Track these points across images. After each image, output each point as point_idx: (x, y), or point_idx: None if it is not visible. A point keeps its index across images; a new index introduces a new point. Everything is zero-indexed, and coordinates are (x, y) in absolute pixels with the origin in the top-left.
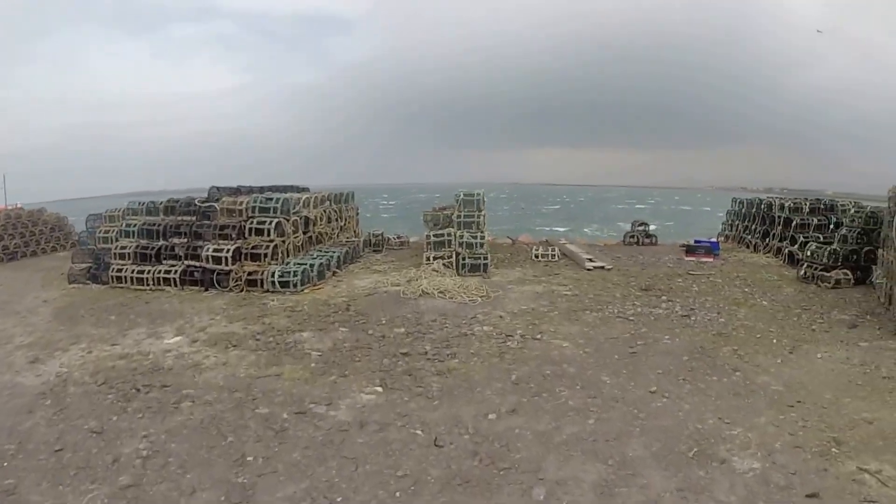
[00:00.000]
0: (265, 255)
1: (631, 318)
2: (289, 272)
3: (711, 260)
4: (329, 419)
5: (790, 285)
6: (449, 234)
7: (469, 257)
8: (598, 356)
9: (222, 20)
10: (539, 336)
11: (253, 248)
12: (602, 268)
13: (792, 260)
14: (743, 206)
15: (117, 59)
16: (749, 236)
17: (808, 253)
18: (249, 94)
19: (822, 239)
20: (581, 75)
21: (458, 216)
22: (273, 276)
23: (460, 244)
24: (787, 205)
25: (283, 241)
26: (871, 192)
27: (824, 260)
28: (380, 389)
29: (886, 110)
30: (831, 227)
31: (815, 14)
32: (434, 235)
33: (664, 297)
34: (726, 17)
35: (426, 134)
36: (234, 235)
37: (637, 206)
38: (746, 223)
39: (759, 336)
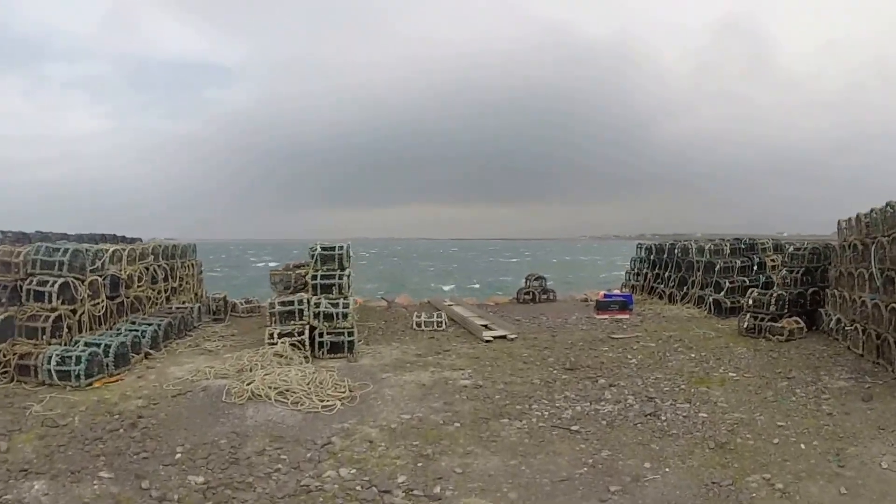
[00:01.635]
0: (44, 331)
1: (574, 427)
2: (70, 357)
3: (628, 316)
4: None
5: (737, 342)
6: (301, 302)
7: (329, 333)
8: None
9: (98, 62)
10: (439, 489)
11: (29, 318)
12: (504, 338)
13: (719, 310)
14: (651, 252)
15: None
16: (661, 285)
17: (750, 301)
18: (121, 139)
19: (747, 282)
20: (452, 129)
21: (314, 277)
22: (48, 362)
23: (316, 315)
24: (707, 248)
25: (74, 311)
26: (737, 231)
27: (771, 307)
28: None
29: (749, 155)
30: (755, 268)
31: (685, 69)
32: (280, 304)
33: (602, 380)
34: (600, 72)
35: (302, 189)
36: (3, 300)
37: (518, 259)
38: (657, 271)
39: (776, 442)
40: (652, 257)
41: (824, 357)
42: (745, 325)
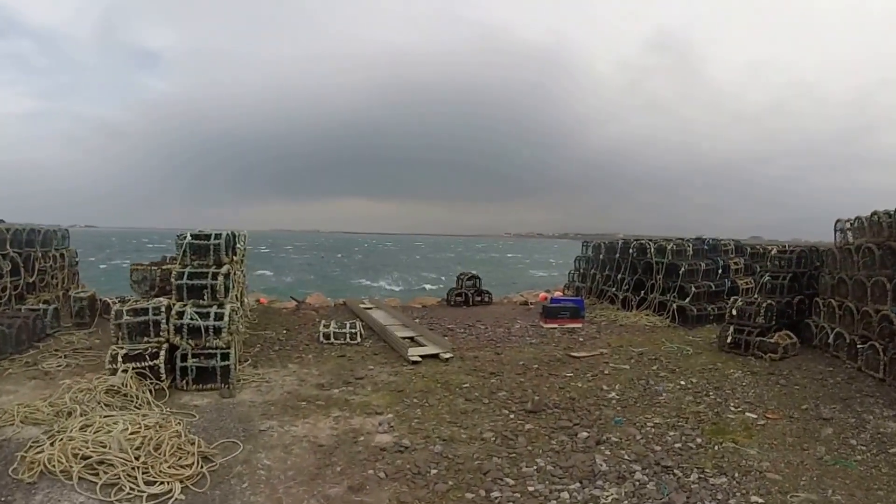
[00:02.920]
0: None
1: None
2: None
3: (581, 325)
4: None
5: (724, 362)
6: (157, 311)
7: (195, 355)
8: None
9: (22, 39)
10: None
11: None
12: (436, 357)
13: (684, 318)
14: (600, 252)
15: None
16: (613, 288)
17: (734, 311)
18: (42, 122)
19: (713, 288)
20: (381, 127)
21: (180, 276)
22: None
23: (178, 329)
24: (669, 248)
25: None
26: (655, 232)
27: (760, 319)
28: None
29: (672, 163)
30: (719, 272)
31: (616, 79)
32: (129, 312)
33: (584, 433)
34: (533, 75)
35: (227, 180)
36: None
37: (443, 254)
38: (608, 272)
39: None
40: (601, 257)
41: (840, 383)
42: (728, 340)
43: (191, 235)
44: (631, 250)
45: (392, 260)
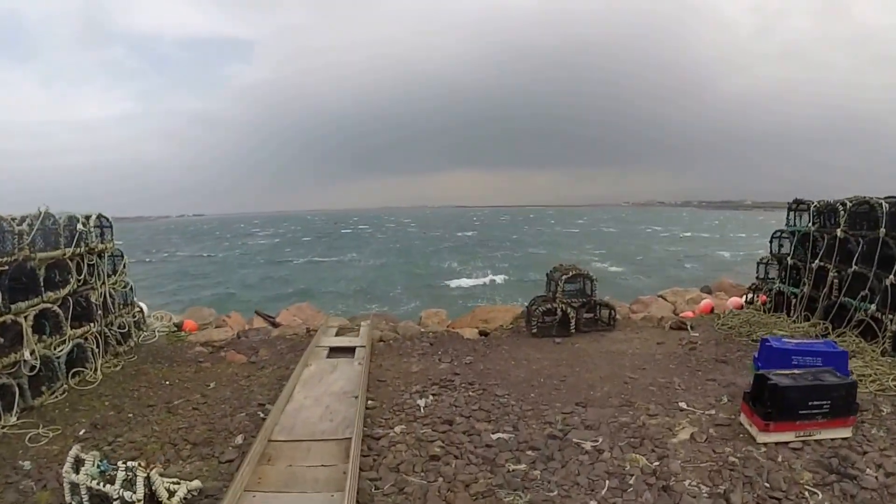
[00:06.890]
0: None
1: None
2: None
3: (848, 433)
4: None
5: None
6: None
7: None
8: None
9: (113, 46)
10: None
11: None
12: None
13: None
14: (831, 221)
15: (2, 86)
16: (870, 306)
17: None
18: (141, 122)
19: None
20: (495, 93)
21: None
22: None
23: None
24: None
25: None
26: (787, 197)
27: None
28: None
29: (806, 116)
30: None
31: (745, 18)
32: None
33: None
34: (657, 19)
35: (331, 160)
36: None
37: (556, 228)
38: (857, 268)
39: None
40: (837, 234)
41: None
42: None
43: None
44: None
45: (499, 236)
